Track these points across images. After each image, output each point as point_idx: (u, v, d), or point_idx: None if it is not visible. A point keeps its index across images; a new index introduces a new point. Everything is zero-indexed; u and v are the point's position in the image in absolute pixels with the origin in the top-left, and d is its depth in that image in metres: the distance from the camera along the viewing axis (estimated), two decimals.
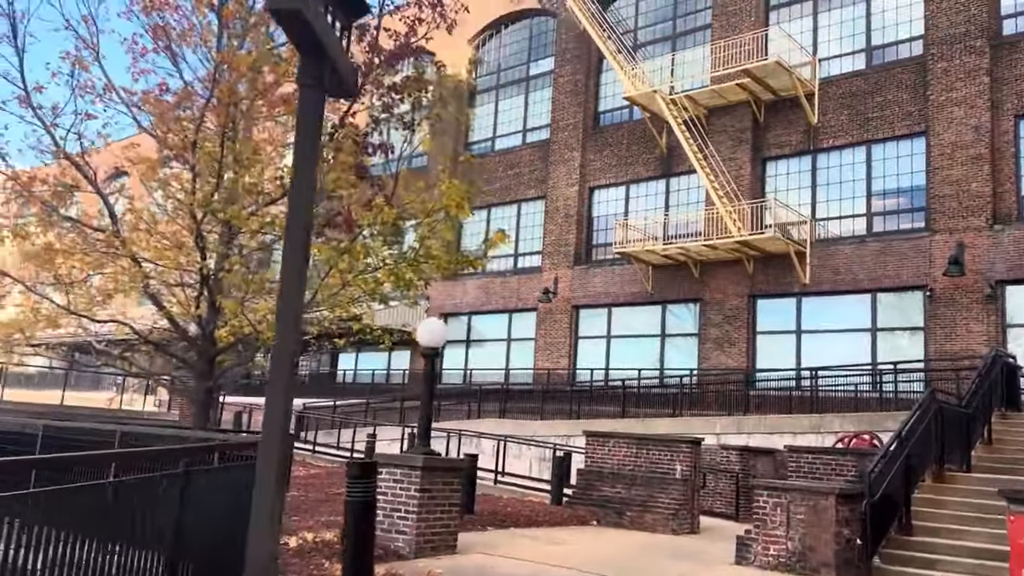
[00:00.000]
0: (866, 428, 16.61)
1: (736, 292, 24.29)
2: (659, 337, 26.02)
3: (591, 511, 13.63)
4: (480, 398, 25.22)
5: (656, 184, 27.32)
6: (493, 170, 31.68)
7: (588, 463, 14.42)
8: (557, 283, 28.34)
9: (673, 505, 12.95)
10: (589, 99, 29.49)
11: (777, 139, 24.78)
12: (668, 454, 13.41)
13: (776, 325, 23.64)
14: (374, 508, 6.02)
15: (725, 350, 24.03)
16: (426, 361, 9.15)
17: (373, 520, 6.03)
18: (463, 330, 31.31)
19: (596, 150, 28.88)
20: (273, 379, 4.07)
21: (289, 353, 4.03)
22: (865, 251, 22.29)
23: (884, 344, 21.67)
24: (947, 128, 21.43)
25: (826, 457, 11.69)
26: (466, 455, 13.46)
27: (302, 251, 4.21)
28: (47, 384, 40.38)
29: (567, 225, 28.78)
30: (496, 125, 32.52)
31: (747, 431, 18.49)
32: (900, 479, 9.86)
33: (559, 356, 27.85)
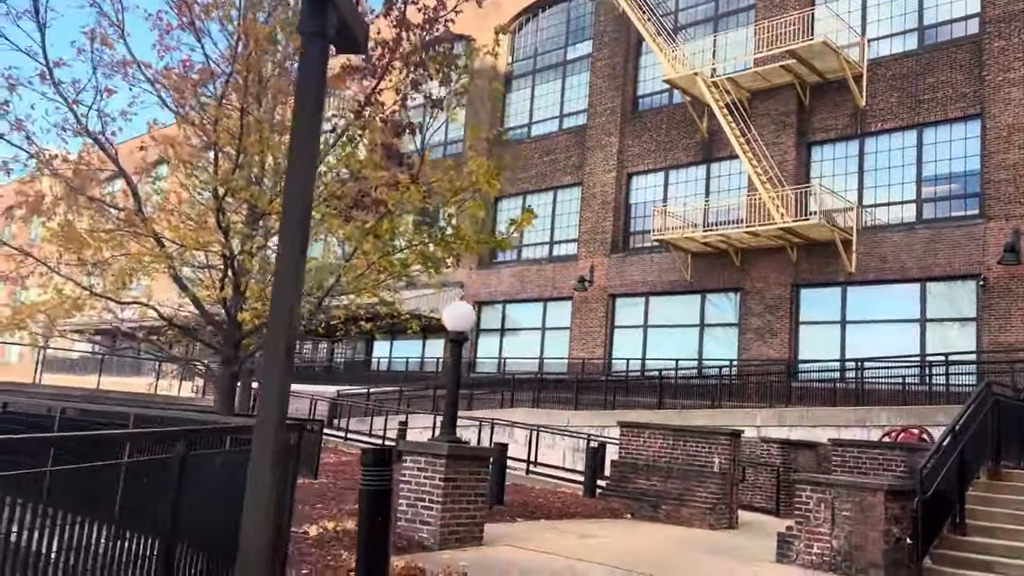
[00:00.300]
0: (914, 422, 15.90)
1: (778, 281, 23.57)
2: (698, 327, 25.40)
3: (625, 504, 13.21)
4: (513, 387, 24.88)
5: (696, 170, 26.63)
6: (529, 157, 31.25)
7: (622, 455, 14.00)
8: (593, 271, 27.84)
9: (711, 499, 12.47)
10: (627, 83, 28.86)
11: (823, 123, 23.94)
12: (706, 446, 12.93)
13: (820, 315, 22.88)
14: (390, 497, 5.69)
15: (767, 340, 23.35)
16: (453, 347, 8.80)
17: (388, 510, 5.71)
18: (497, 319, 30.99)
19: (634, 135, 28.26)
20: (268, 361, 3.71)
21: (285, 334, 3.68)
22: (915, 239, 21.43)
23: (933, 335, 20.82)
24: (1004, 110, 20.45)
25: (873, 451, 11.12)
26: (497, 444, 13.12)
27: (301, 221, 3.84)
28: (89, 369, 41.05)
29: (604, 212, 28.23)
30: (532, 111, 32.05)
31: (789, 424, 17.88)
32: (954, 476, 9.28)
33: (594, 346, 27.37)
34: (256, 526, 3.51)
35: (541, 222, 30.59)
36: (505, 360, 29.79)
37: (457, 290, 31.76)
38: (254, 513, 3.52)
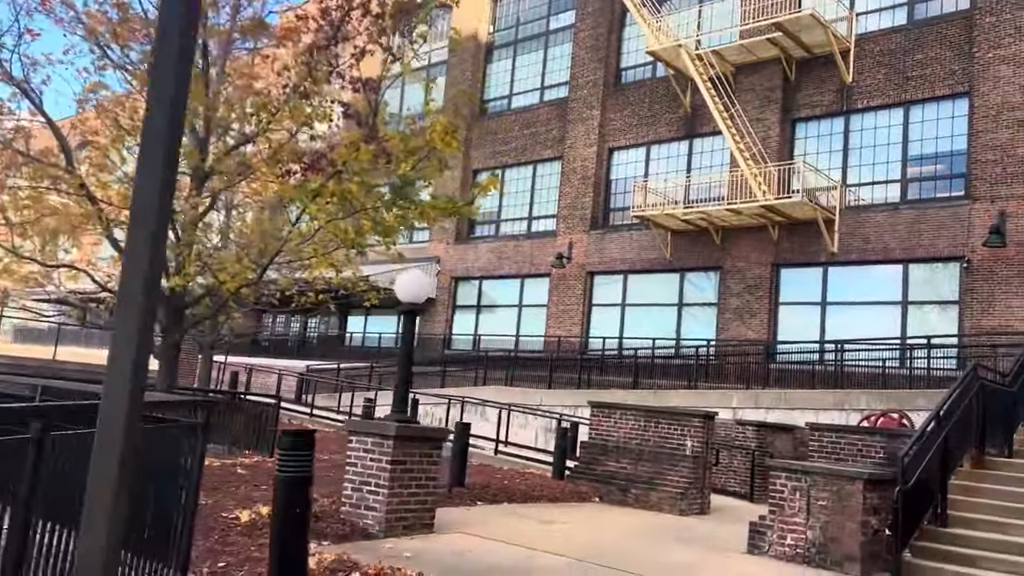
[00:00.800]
0: (894, 406, 15.46)
1: (759, 260, 23.05)
2: (676, 306, 24.87)
3: (593, 487, 12.67)
4: (486, 365, 24.28)
5: (678, 145, 25.98)
6: (509, 129, 30.49)
7: (592, 436, 13.44)
8: (572, 248, 27.21)
9: (682, 483, 11.95)
10: (610, 55, 28.08)
11: (808, 99, 23.33)
12: (678, 428, 12.39)
13: (800, 296, 22.41)
14: (309, 487, 5.07)
15: (745, 321, 22.86)
16: (406, 319, 8.16)
17: (308, 501, 5.09)
18: (474, 295, 30.34)
19: (616, 109, 27.54)
20: (118, 332, 2.98)
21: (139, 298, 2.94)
22: (898, 219, 20.94)
23: (915, 318, 20.40)
24: (993, 88, 19.92)
25: (852, 436, 10.62)
26: (459, 423, 12.52)
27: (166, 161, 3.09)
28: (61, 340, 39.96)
29: (584, 187, 27.56)
30: (513, 82, 31.21)
31: (765, 406, 17.40)
32: (936, 464, 8.76)
33: (571, 324, 26.80)
34: (94, 530, 2.83)
35: (520, 197, 29.93)
36: (480, 337, 29.17)
37: (434, 265, 31.08)
38: (94, 515, 2.84)
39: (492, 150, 30.85)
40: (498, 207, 30.49)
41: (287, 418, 20.85)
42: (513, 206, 30.08)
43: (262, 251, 9.78)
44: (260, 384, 26.64)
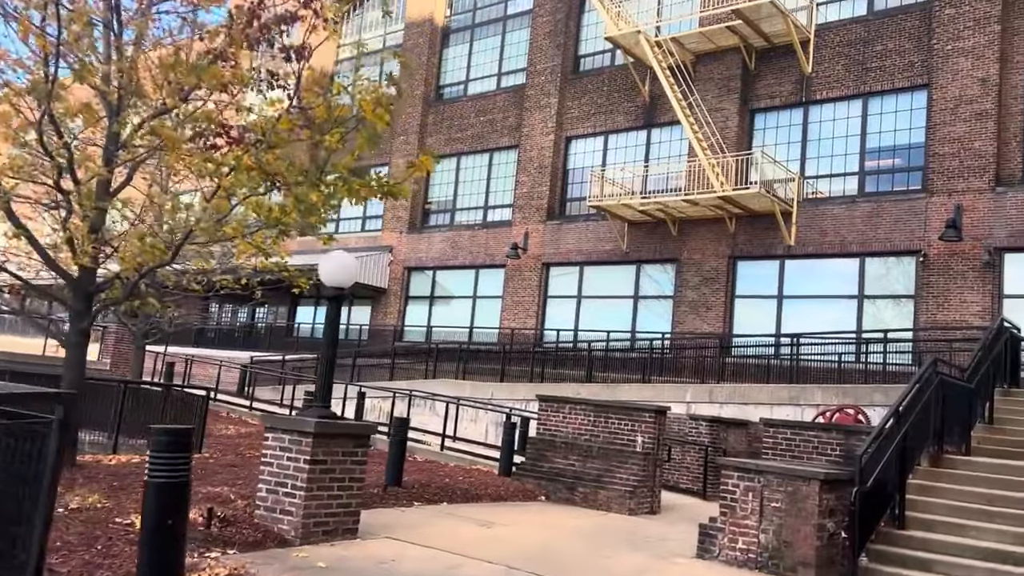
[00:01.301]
0: (850, 402, 15.14)
1: (716, 253, 22.68)
2: (632, 299, 24.41)
3: (540, 485, 12.08)
4: (437, 357, 23.57)
5: (637, 135, 25.50)
6: (465, 116, 29.74)
7: (540, 431, 12.85)
8: (528, 238, 26.59)
9: (631, 481, 11.41)
10: (569, 41, 27.49)
11: (768, 89, 22.99)
12: (629, 424, 11.85)
13: (757, 289, 22.09)
14: (186, 492, 4.38)
15: (701, 314, 22.48)
16: (331, 305, 7.44)
17: (183, 510, 4.39)
18: (427, 285, 29.57)
19: (575, 97, 26.97)
20: None
21: None
22: (855, 212, 20.70)
23: (871, 313, 20.20)
24: (951, 81, 19.74)
25: (807, 433, 10.18)
26: (396, 418, 11.84)
27: None
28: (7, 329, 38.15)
29: (540, 177, 26.95)
30: (470, 68, 30.44)
31: (720, 401, 16.98)
32: (895, 463, 8.32)
33: (526, 316, 26.22)
34: None
35: (476, 186, 29.24)
36: (433, 329, 28.44)
37: (386, 255, 30.28)
38: None
39: (447, 137, 30.09)
40: (453, 196, 29.77)
41: (225, 411, 19.97)
42: (469, 195, 29.37)
43: (172, 230, 8.97)
44: (203, 375, 25.62)
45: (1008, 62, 19.22)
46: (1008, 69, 19.20)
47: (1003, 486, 8.78)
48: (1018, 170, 18.90)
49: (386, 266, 30.08)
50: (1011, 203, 18.56)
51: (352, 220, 32.63)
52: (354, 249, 30.86)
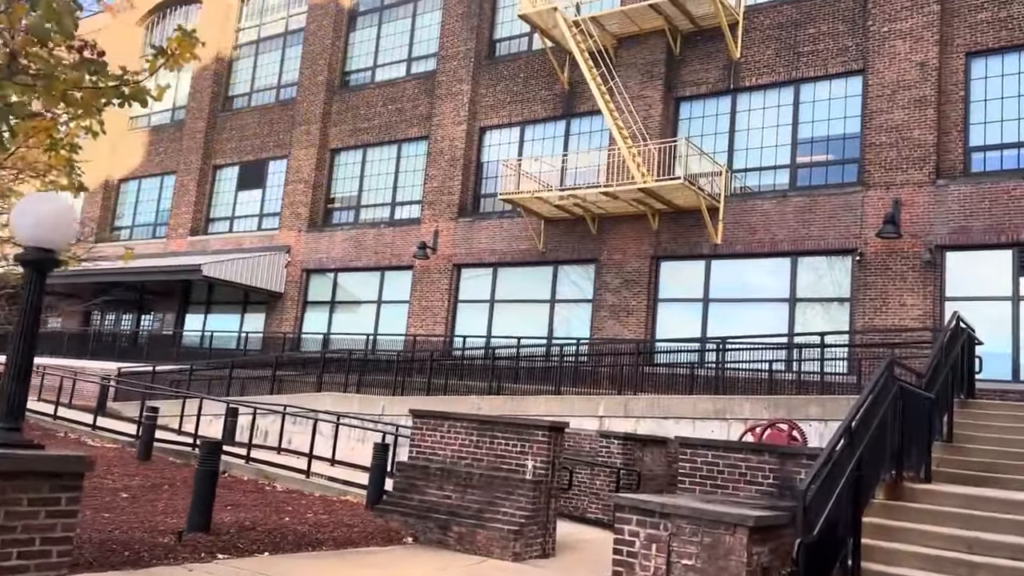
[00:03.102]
0: (783, 415, 13.16)
1: (637, 252, 20.69)
2: (549, 303, 22.23)
3: (407, 523, 9.66)
4: (322, 368, 20.94)
5: (555, 125, 23.42)
6: (372, 104, 27.27)
7: (413, 454, 10.44)
8: (437, 237, 24.21)
9: (518, 517, 9.08)
10: (484, 23, 25.32)
11: (694, 76, 21.18)
12: (518, 444, 9.54)
13: (681, 292, 20.16)
14: None
15: (621, 319, 20.42)
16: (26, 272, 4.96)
17: None
18: (328, 289, 26.88)
19: (489, 84, 24.78)
20: None
21: None
22: (787, 208, 18.96)
23: (803, 317, 18.43)
24: (888, 65, 18.19)
25: (733, 456, 8.04)
26: (205, 442, 9.29)
27: None
28: None
29: (452, 170, 24.63)
30: (378, 52, 28.00)
31: (636, 415, 14.84)
32: (847, 497, 6.19)
33: (435, 322, 23.79)
34: None
35: (383, 180, 26.77)
36: (333, 337, 25.74)
37: (283, 255, 27.49)
38: None
39: (353, 127, 27.56)
40: (358, 191, 27.21)
41: (64, 431, 16.95)
42: (375, 190, 26.86)
43: None
44: (62, 389, 22.33)
45: (948, 45, 17.76)
46: (948, 52, 17.74)
47: (981, 525, 6.75)
48: (959, 161, 17.39)
49: (283, 268, 27.29)
50: (953, 197, 17.02)
51: (248, 218, 29.78)
52: (249, 249, 28.05)
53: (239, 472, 13.84)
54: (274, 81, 30.52)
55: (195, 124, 31.65)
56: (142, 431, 14.19)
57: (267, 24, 31.49)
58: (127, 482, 11.56)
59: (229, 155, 30.75)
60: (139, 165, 33.73)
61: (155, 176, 33.11)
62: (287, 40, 30.57)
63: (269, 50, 31.19)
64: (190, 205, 30.82)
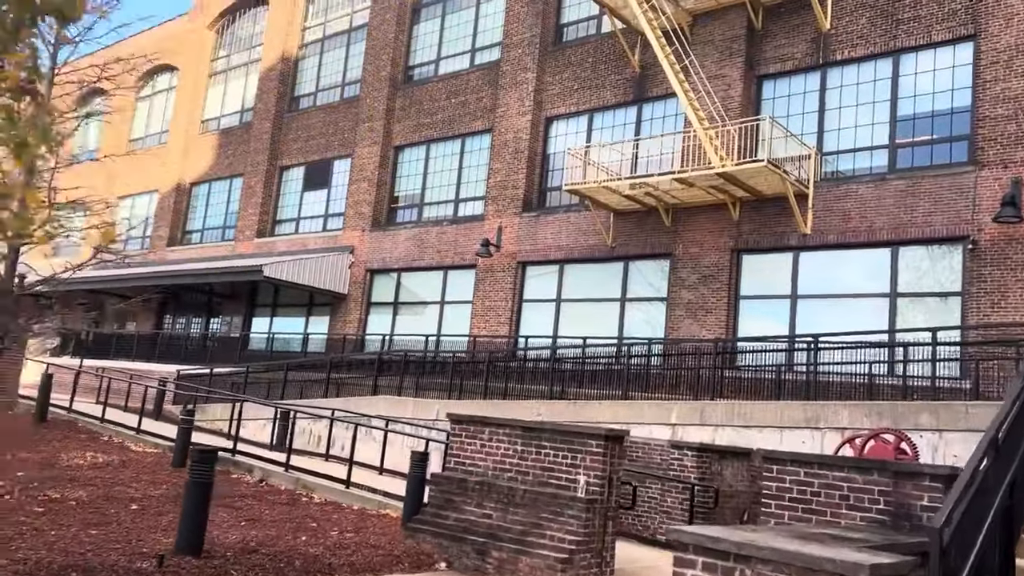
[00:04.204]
0: (887, 424, 11.29)
1: (716, 245, 18.93)
2: (619, 301, 20.65)
3: (440, 546, 8.34)
4: (377, 370, 19.88)
5: (625, 112, 21.86)
6: (435, 99, 26.26)
7: (450, 464, 9.12)
8: (501, 234, 22.95)
9: (568, 542, 7.65)
10: (549, 8, 23.99)
11: (777, 51, 19.32)
12: (568, 456, 8.11)
13: (765, 287, 18.30)
14: None
15: (699, 318, 18.70)
16: None
17: None
18: (391, 289, 25.95)
19: (555, 71, 23.41)
20: None
21: None
22: (886, 192, 16.92)
23: (906, 314, 16.35)
24: (1005, 28, 15.99)
25: (833, 475, 6.42)
26: (197, 450, 8.14)
27: None
28: None
29: (516, 163, 23.34)
30: (441, 44, 27.00)
31: (714, 422, 13.15)
32: (996, 535, 4.53)
33: (499, 322, 22.51)
34: None
35: (446, 176, 25.70)
36: (396, 338, 24.75)
37: (346, 256, 26.74)
38: None
39: (416, 123, 26.61)
40: (421, 188, 26.22)
41: (109, 434, 16.31)
42: (439, 187, 25.82)
43: None
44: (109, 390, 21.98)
45: None
46: None
47: None
48: None
49: (346, 268, 26.52)
50: None
51: (313, 219, 29.21)
52: (313, 250, 27.44)
53: (277, 481, 12.81)
54: (339, 79, 29.91)
55: (262, 125, 31.35)
56: (177, 436, 13.31)
57: (332, 21, 30.96)
58: (148, 491, 10.62)
59: (295, 155, 30.28)
60: (209, 168, 33.71)
61: (224, 179, 32.99)
62: (351, 37, 29.94)
63: (333, 48, 30.63)
64: (257, 207, 30.49)
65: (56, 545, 6.62)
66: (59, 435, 15.44)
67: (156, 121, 37.36)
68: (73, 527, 7.51)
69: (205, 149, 34.12)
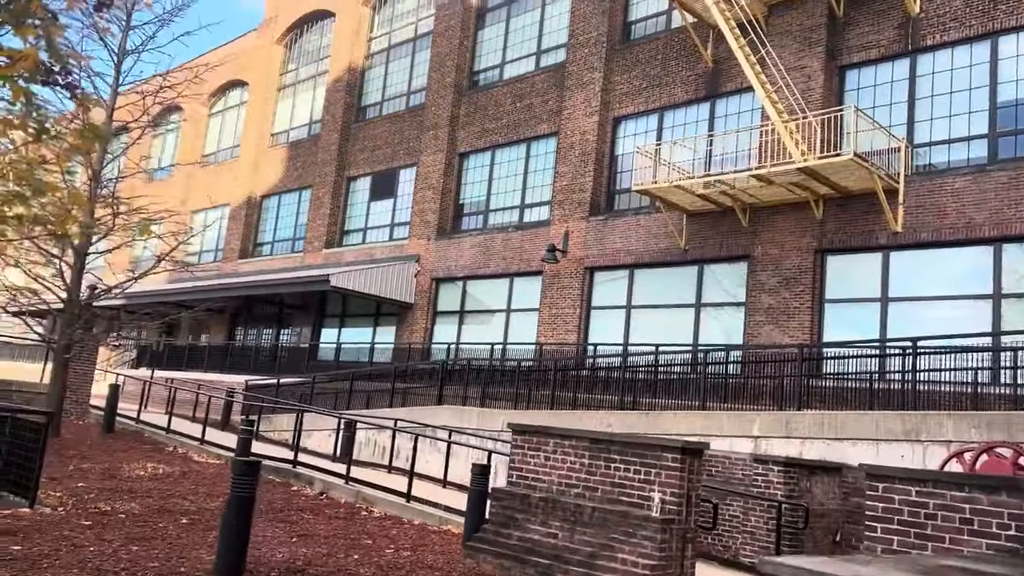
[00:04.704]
0: (1001, 437, 10.12)
1: (798, 246, 17.83)
2: (693, 307, 19.68)
3: (502, 567, 7.67)
4: (442, 379, 19.35)
5: (697, 109, 20.93)
6: (500, 103, 25.79)
7: (514, 478, 8.45)
8: (567, 239, 22.25)
9: (641, 566, 6.89)
10: (616, 6, 23.25)
11: (862, 39, 18.14)
12: (641, 470, 7.35)
13: (853, 290, 17.11)
14: None
15: (780, 324, 17.60)
16: None
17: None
18: (457, 298, 25.50)
19: (623, 70, 22.63)
20: None
21: None
22: (986, 185, 15.59)
23: (1012, 315, 14.96)
24: None
25: (952, 494, 5.49)
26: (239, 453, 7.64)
27: None
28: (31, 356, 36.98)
29: (583, 166, 22.63)
30: (506, 48, 26.53)
31: (801, 435, 12.12)
32: None
33: (567, 330, 21.78)
34: None
35: (512, 182, 25.16)
36: (459, 348, 24.28)
37: (412, 265, 26.43)
38: None
39: (481, 128, 26.18)
40: (486, 195, 25.74)
41: (173, 445, 16.21)
42: (504, 193, 25.30)
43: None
44: (191, 402, 22.10)
45: None
46: None
47: None
48: None
49: (412, 277, 26.21)
50: None
51: (379, 229, 29.07)
52: (380, 260, 27.26)
53: (337, 494, 12.38)
54: (404, 88, 29.76)
55: (329, 137, 31.44)
56: (237, 447, 13.01)
57: (397, 31, 30.88)
58: (204, 504, 10.27)
59: (362, 166, 30.24)
60: (279, 181, 34.01)
61: (293, 191, 33.22)
62: (416, 45, 29.77)
63: (399, 56, 30.53)
64: (325, 218, 30.55)
65: (90, 563, 6.20)
66: (124, 445, 15.40)
67: (228, 136, 38.00)
68: (115, 542, 7.12)
69: (275, 162, 34.46)
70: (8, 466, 9.59)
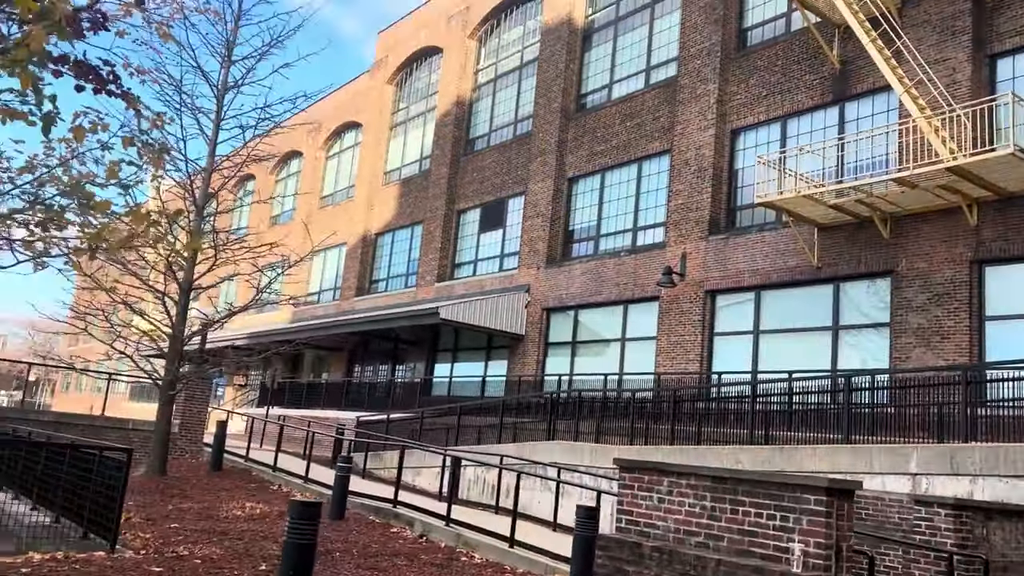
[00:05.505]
0: None
1: (949, 257, 15.77)
2: (830, 330, 17.80)
3: None
4: (553, 413, 18.18)
5: (824, 114, 19.21)
6: (609, 124, 24.80)
7: (623, 523, 7.23)
8: (685, 261, 20.82)
9: None
10: (730, 13, 21.90)
11: (1014, 23, 16.08)
12: (777, 515, 6.00)
13: (1017, 305, 14.89)
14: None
15: (932, 345, 15.53)
16: None
17: None
18: (568, 328, 24.41)
19: (740, 79, 21.19)
20: None
21: None
22: None
23: None
24: None
25: None
26: (301, 502, 6.74)
27: None
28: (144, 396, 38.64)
29: (699, 182, 21.22)
30: (614, 67, 25.57)
31: (970, 471, 10.23)
32: None
33: (687, 359, 20.25)
34: None
35: (622, 204, 24.03)
36: (572, 379, 23.11)
37: (522, 295, 25.59)
38: None
39: (589, 151, 25.24)
40: (597, 219, 24.67)
41: (278, 483, 15.78)
42: (614, 216, 24.16)
43: None
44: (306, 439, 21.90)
45: None
46: None
47: None
48: None
49: (523, 308, 25.36)
50: None
51: (489, 260, 28.47)
52: (490, 292, 26.57)
53: (438, 537, 11.45)
54: (511, 117, 29.30)
55: (439, 171, 31.32)
56: (335, 485, 12.33)
57: (503, 60, 30.56)
58: None
59: (471, 198, 29.87)
60: (392, 217, 34.17)
61: (406, 227, 33.25)
62: (522, 72, 29.31)
63: (505, 86, 30.15)
64: (436, 252, 30.30)
65: None
66: (229, 484, 15.10)
67: (343, 177, 38.72)
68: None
69: (388, 200, 34.69)
70: (96, 507, 9.21)
